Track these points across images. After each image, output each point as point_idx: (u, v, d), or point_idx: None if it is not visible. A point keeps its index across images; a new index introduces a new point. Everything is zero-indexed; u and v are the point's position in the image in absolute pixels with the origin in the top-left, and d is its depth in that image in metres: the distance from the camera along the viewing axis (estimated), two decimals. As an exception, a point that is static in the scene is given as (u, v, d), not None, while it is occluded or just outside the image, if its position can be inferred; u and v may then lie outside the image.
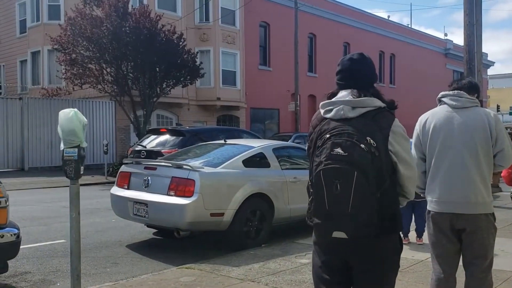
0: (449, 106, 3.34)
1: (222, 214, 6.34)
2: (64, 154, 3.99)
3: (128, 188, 6.93)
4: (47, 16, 23.95)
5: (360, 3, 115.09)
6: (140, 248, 6.85)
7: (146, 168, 6.83)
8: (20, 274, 5.49)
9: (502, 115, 44.84)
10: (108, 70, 18.88)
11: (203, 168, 6.47)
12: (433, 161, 3.30)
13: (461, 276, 3.38)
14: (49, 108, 19.97)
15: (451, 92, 3.38)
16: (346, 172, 2.20)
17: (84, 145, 3.98)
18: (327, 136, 2.33)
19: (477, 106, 3.33)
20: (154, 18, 18.30)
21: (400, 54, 37.47)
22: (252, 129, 24.76)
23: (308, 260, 5.68)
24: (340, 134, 2.30)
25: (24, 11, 25.67)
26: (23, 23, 25.92)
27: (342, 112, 2.40)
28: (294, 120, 25.53)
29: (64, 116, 3.94)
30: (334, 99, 2.49)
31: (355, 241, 2.31)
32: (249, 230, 6.64)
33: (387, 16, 51.40)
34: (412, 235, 6.66)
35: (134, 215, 6.63)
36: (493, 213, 3.30)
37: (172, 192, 6.27)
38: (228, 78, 25.05)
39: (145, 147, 12.44)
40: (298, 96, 24.58)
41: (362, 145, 2.24)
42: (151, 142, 12.57)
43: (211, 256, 6.05)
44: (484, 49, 11.79)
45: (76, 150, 3.95)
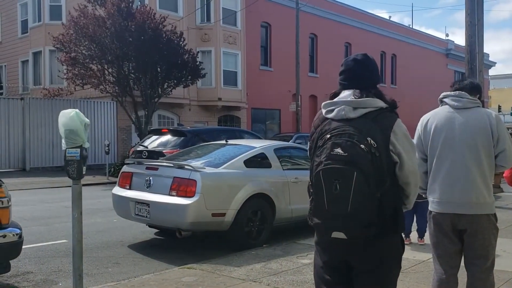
0: (450, 106, 3.34)
1: (224, 214, 6.35)
2: (67, 154, 4.00)
3: (130, 188, 6.94)
4: (49, 16, 23.98)
5: (361, 4, 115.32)
6: (142, 248, 6.86)
7: (147, 168, 6.84)
8: (22, 274, 5.51)
9: (504, 116, 44.74)
10: (109, 70, 18.89)
11: (205, 168, 6.47)
12: (434, 161, 3.30)
13: (462, 277, 3.38)
14: (50, 109, 20.00)
15: (452, 92, 3.39)
16: (345, 172, 2.19)
17: (86, 145, 3.99)
18: (328, 136, 2.33)
19: (478, 106, 3.33)
20: (159, 19, 18.31)
21: (401, 54, 37.46)
22: (253, 129, 24.77)
23: (310, 261, 5.68)
24: (340, 135, 2.30)
25: (26, 11, 25.71)
26: (24, 23, 25.97)
27: (343, 112, 2.39)
28: (295, 121, 25.53)
29: (65, 116, 3.95)
30: (336, 100, 2.49)
31: (355, 241, 2.30)
32: (250, 230, 6.65)
33: (389, 16, 51.46)
34: (414, 236, 6.66)
35: (136, 215, 6.64)
36: (494, 213, 3.30)
37: (173, 192, 6.28)
38: (229, 78, 25.05)
39: (146, 147, 12.44)
40: (299, 96, 24.58)
41: (362, 145, 2.24)
42: (153, 143, 12.57)
43: (212, 256, 6.06)
44: (485, 49, 11.77)
45: (78, 150, 3.96)
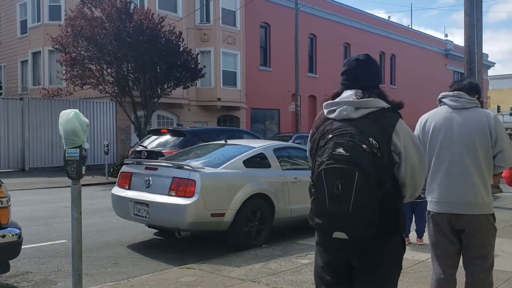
0: (449, 106, 3.35)
1: (223, 215, 6.35)
2: (66, 155, 4.00)
3: (129, 189, 6.94)
4: (48, 16, 23.97)
5: (359, 4, 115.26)
6: (141, 248, 6.87)
7: (147, 168, 6.84)
8: (21, 274, 5.51)
9: (503, 116, 44.78)
10: (108, 70, 18.88)
11: (204, 168, 6.48)
12: (433, 161, 3.31)
13: (461, 277, 3.39)
14: (49, 109, 19.99)
15: (451, 93, 3.40)
16: (347, 172, 2.18)
17: (86, 146, 4.00)
18: (330, 136, 2.32)
19: (477, 107, 3.34)
20: (157, 20, 18.30)
21: (400, 54, 37.48)
22: (252, 129, 24.76)
23: (309, 261, 5.69)
24: (342, 135, 2.29)
25: (25, 11, 25.69)
26: (24, 23, 25.96)
27: (345, 112, 2.39)
28: (294, 121, 25.54)
29: (65, 116, 3.96)
30: (338, 100, 2.48)
31: (356, 241, 2.30)
32: (249, 230, 6.66)
33: (388, 16, 51.38)
34: (413, 236, 6.67)
35: (135, 215, 6.64)
36: (493, 213, 3.31)
37: (173, 193, 6.29)
38: (229, 78, 25.05)
39: (146, 147, 12.45)
40: (299, 96, 24.58)
41: (364, 145, 2.23)
42: (152, 143, 12.58)
43: (211, 256, 6.06)
44: (484, 49, 11.78)
45: (78, 150, 3.96)
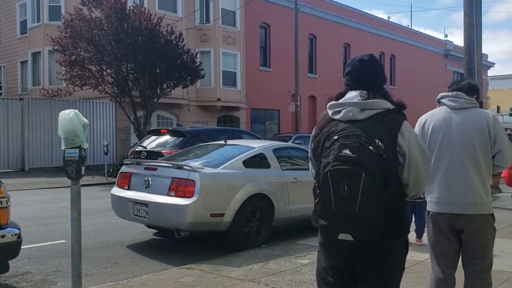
0: (448, 107, 3.35)
1: (222, 215, 6.35)
2: (65, 155, 4.00)
3: (128, 189, 6.94)
4: (48, 17, 23.98)
5: (358, 4, 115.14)
6: (141, 248, 6.87)
7: (146, 168, 6.85)
8: (21, 274, 5.51)
9: (502, 116, 44.80)
10: (108, 71, 18.88)
11: (204, 168, 6.48)
12: (432, 161, 3.30)
13: (460, 276, 3.39)
14: (49, 109, 19.99)
15: (450, 93, 3.40)
16: (353, 173, 2.17)
17: (85, 146, 4.00)
18: (335, 137, 2.30)
19: (476, 107, 3.34)
20: (155, 19, 18.30)
21: (400, 55, 37.50)
22: (252, 129, 24.77)
23: (308, 261, 5.69)
24: (348, 136, 2.28)
25: (25, 11, 25.70)
26: (23, 23, 25.96)
27: (351, 114, 2.37)
28: (294, 121, 25.54)
29: (64, 117, 3.96)
30: (343, 101, 2.46)
31: (361, 243, 2.30)
32: (249, 230, 6.66)
33: (387, 17, 51.47)
34: (412, 236, 6.66)
35: (135, 215, 6.65)
36: (492, 213, 3.31)
37: (172, 193, 6.29)
38: (229, 78, 25.07)
39: (145, 147, 12.45)
40: (298, 97, 24.59)
41: (370, 147, 2.22)
42: (152, 143, 12.58)
43: (211, 257, 6.07)
44: (483, 50, 11.79)
45: (77, 150, 3.97)
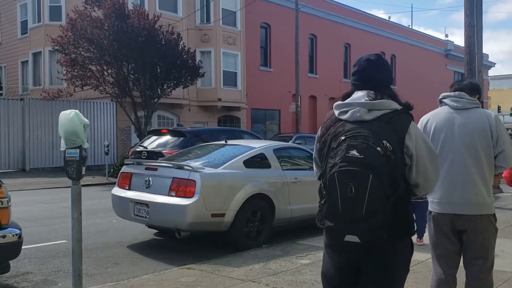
0: (450, 107, 3.34)
1: (223, 215, 6.35)
2: (66, 155, 4.00)
3: (129, 189, 6.94)
4: (48, 17, 23.97)
5: (358, 4, 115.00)
6: (141, 248, 6.87)
7: (147, 168, 6.84)
8: (21, 274, 5.50)
9: (503, 116, 44.72)
10: (109, 71, 18.88)
11: (204, 168, 6.48)
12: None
13: (461, 277, 3.39)
14: (50, 109, 19.98)
15: (452, 93, 3.39)
16: (361, 175, 2.15)
17: (86, 146, 3.99)
18: (342, 138, 2.28)
19: (478, 107, 3.33)
20: (152, 19, 18.29)
21: (400, 55, 37.48)
22: (253, 129, 24.77)
23: (309, 261, 5.68)
24: (355, 137, 2.26)
25: (26, 12, 25.68)
26: (24, 24, 25.94)
27: (359, 114, 2.34)
28: (295, 121, 25.53)
29: (65, 117, 3.95)
30: (350, 101, 2.43)
31: (367, 244, 2.29)
32: (250, 230, 6.65)
33: (388, 17, 51.59)
34: (413, 236, 6.65)
35: (135, 215, 6.64)
36: (494, 214, 3.30)
37: (173, 193, 6.29)
38: (229, 78, 25.06)
39: (146, 147, 12.45)
40: (299, 97, 24.59)
41: (378, 148, 2.20)
42: (152, 143, 12.58)
43: (211, 257, 6.06)
44: (484, 50, 11.78)
45: (78, 150, 3.96)
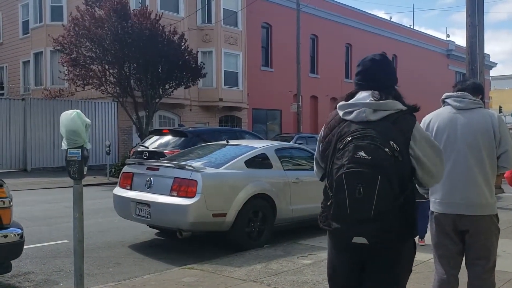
0: (453, 107, 3.33)
1: (225, 215, 6.35)
2: (68, 155, 4.00)
3: (130, 189, 6.94)
4: (50, 17, 23.99)
5: (359, 4, 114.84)
6: (143, 248, 6.87)
7: (148, 168, 6.84)
8: (23, 274, 5.50)
9: (505, 116, 44.57)
10: (110, 71, 18.90)
11: (206, 168, 6.47)
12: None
13: (463, 277, 3.38)
14: (51, 109, 20.01)
15: (455, 93, 3.38)
16: (369, 176, 2.14)
17: (88, 146, 4.00)
18: (349, 139, 2.26)
19: (481, 107, 3.32)
20: (154, 18, 18.30)
21: (402, 55, 37.46)
22: (254, 130, 24.75)
23: (310, 261, 5.68)
24: (362, 137, 2.24)
25: (27, 12, 25.72)
26: (26, 24, 25.97)
27: (364, 114, 2.33)
28: (296, 121, 25.54)
29: (66, 117, 3.96)
30: (354, 101, 2.42)
31: (375, 246, 2.28)
32: (251, 230, 6.65)
33: (389, 17, 51.60)
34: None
35: (137, 215, 6.64)
36: (496, 214, 3.30)
37: (174, 193, 6.29)
38: (230, 79, 25.06)
39: (147, 147, 12.45)
40: (300, 97, 24.61)
41: (386, 149, 2.19)
42: (154, 143, 12.57)
43: (213, 257, 6.06)
44: (485, 50, 11.78)
45: (80, 150, 3.97)
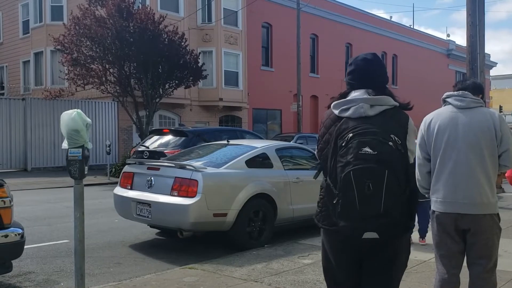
0: (453, 106, 3.33)
1: (225, 215, 6.35)
2: (69, 154, 4.00)
3: (131, 189, 6.94)
4: (50, 17, 23.99)
5: (359, 3, 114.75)
6: (143, 248, 6.87)
7: (149, 168, 6.84)
8: (24, 274, 5.51)
9: (505, 116, 44.61)
10: (111, 70, 18.90)
11: (206, 168, 6.47)
12: (438, 161, 3.29)
13: (465, 276, 3.38)
14: (51, 109, 20.03)
15: (455, 92, 3.38)
16: (377, 171, 2.16)
17: (89, 146, 4.00)
18: (351, 135, 2.27)
19: (481, 106, 3.32)
20: (158, 19, 18.30)
21: (402, 54, 37.45)
22: (254, 129, 24.75)
23: (311, 261, 5.68)
24: (364, 133, 2.25)
25: (27, 12, 25.71)
26: (26, 23, 25.96)
27: (362, 110, 2.34)
28: (296, 121, 25.52)
29: (67, 116, 3.96)
30: (351, 98, 2.44)
31: (374, 241, 2.28)
32: (252, 230, 6.65)
33: (389, 16, 51.61)
34: (415, 236, 6.64)
35: (137, 215, 6.64)
36: (498, 213, 3.29)
37: (175, 193, 6.29)
38: (231, 78, 25.06)
39: (148, 147, 12.44)
40: (300, 96, 24.59)
41: (390, 142, 2.21)
42: (154, 143, 12.57)
43: (214, 257, 6.06)
44: (485, 49, 11.77)
45: (80, 150, 3.97)
